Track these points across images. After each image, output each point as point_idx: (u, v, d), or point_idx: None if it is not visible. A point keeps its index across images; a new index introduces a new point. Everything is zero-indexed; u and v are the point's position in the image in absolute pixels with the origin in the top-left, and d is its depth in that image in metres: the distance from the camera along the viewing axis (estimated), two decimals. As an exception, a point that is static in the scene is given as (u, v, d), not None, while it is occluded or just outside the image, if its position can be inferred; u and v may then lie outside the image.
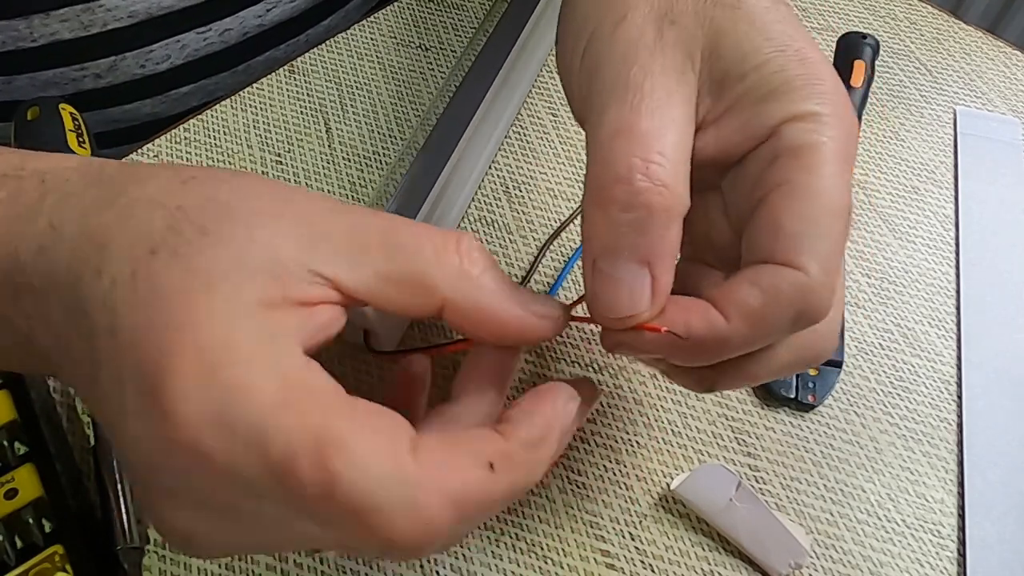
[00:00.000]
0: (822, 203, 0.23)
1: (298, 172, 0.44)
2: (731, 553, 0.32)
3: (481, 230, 0.42)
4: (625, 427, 0.35)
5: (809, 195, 0.23)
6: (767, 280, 0.23)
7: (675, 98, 0.24)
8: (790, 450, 0.35)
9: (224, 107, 0.47)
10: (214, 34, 0.51)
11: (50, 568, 0.28)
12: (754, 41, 0.24)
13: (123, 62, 0.49)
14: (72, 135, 0.39)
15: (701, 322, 0.23)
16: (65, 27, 0.46)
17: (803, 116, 0.23)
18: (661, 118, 0.23)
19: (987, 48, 0.52)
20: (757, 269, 0.23)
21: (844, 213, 0.23)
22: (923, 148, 0.46)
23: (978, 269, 0.41)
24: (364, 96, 0.47)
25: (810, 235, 0.22)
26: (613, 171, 0.23)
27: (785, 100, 0.23)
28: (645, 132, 0.23)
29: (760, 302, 0.23)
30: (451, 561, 0.32)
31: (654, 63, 0.24)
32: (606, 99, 0.24)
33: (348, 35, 0.51)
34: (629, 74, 0.24)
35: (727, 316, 0.23)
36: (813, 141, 0.23)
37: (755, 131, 0.24)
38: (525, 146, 0.45)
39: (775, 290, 0.23)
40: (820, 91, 0.23)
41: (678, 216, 0.23)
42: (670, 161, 0.23)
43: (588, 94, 0.25)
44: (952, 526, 0.33)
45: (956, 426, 0.36)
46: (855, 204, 0.44)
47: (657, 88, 0.24)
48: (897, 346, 0.38)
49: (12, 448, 0.31)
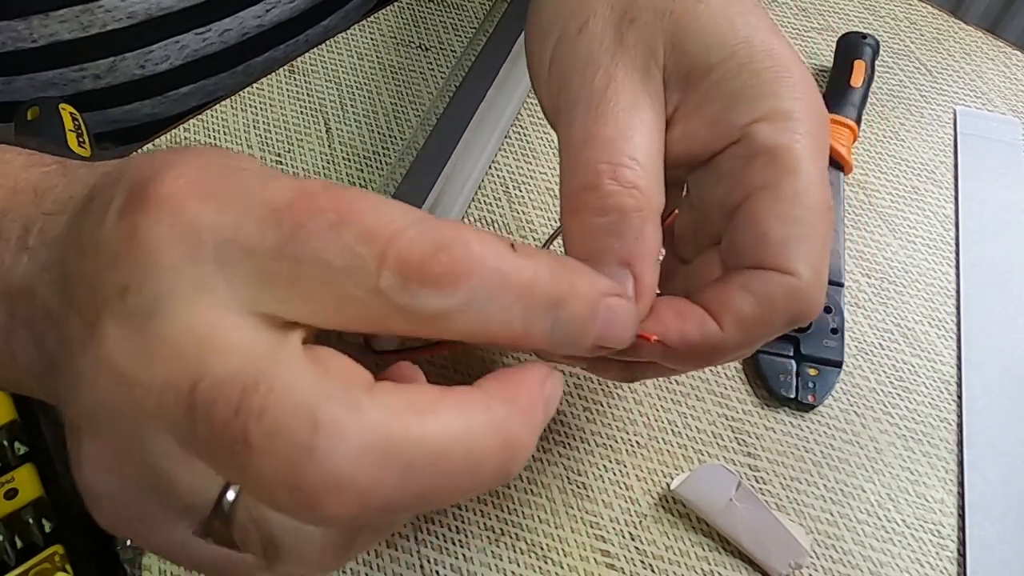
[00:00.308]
0: (805, 204, 0.23)
1: (298, 172, 0.44)
2: (731, 553, 0.32)
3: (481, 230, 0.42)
4: (625, 427, 0.35)
5: (791, 198, 0.23)
6: (759, 286, 0.23)
7: (641, 100, 0.24)
8: (790, 450, 0.35)
9: (224, 107, 0.47)
10: (213, 35, 0.51)
11: (50, 568, 0.28)
12: (718, 34, 0.24)
13: (122, 63, 0.49)
14: (72, 135, 0.39)
15: (696, 329, 0.23)
16: (64, 28, 0.46)
17: (774, 115, 0.23)
18: (627, 122, 0.23)
19: (987, 48, 0.52)
20: (748, 275, 0.23)
21: (826, 211, 0.23)
22: (923, 148, 0.46)
23: (978, 269, 0.41)
24: (364, 96, 0.47)
25: (797, 238, 0.22)
26: (583, 179, 0.23)
27: (755, 97, 0.23)
28: (611, 138, 0.23)
29: (754, 309, 0.23)
30: (451, 561, 0.32)
31: (617, 67, 0.24)
32: (573, 108, 0.24)
33: (348, 35, 0.51)
34: (593, 81, 0.24)
35: (721, 324, 0.23)
36: (787, 141, 0.23)
37: (725, 130, 0.24)
38: (525, 146, 0.45)
39: (768, 296, 0.23)
40: (789, 85, 0.23)
41: (652, 215, 0.23)
42: (639, 163, 0.23)
43: (557, 102, 0.26)
44: (952, 526, 0.33)
45: (956, 426, 0.36)
46: (855, 204, 0.44)
47: (621, 92, 0.24)
48: (897, 346, 0.38)
49: (12, 448, 0.31)
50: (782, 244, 0.23)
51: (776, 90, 0.23)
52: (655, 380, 0.37)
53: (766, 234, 0.23)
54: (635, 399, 0.36)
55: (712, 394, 0.36)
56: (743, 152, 0.23)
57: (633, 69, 0.24)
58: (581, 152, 0.23)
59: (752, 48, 0.24)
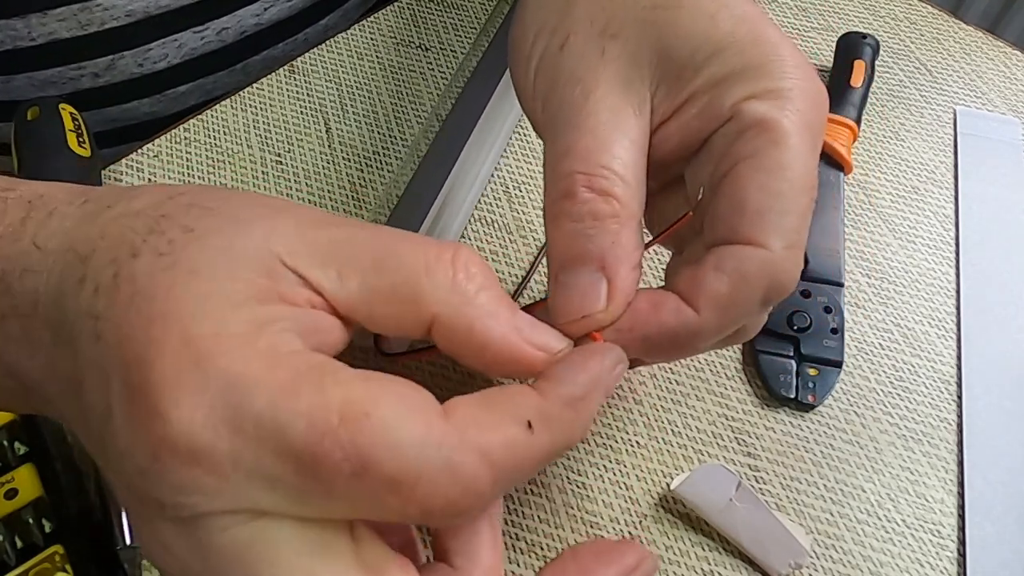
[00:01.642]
0: (786, 177, 0.23)
1: (298, 172, 0.44)
2: (731, 553, 0.32)
3: (481, 230, 0.42)
4: (625, 427, 0.35)
5: (773, 169, 0.23)
6: (731, 264, 0.23)
7: (622, 111, 0.24)
8: (790, 450, 0.35)
9: (224, 107, 0.46)
10: (211, 33, 0.51)
11: (50, 568, 0.28)
12: (701, 34, 0.24)
13: (121, 61, 0.49)
14: (72, 135, 0.39)
15: (672, 317, 0.23)
16: (63, 26, 0.46)
17: (764, 92, 0.23)
18: (606, 134, 0.24)
19: (987, 48, 0.52)
20: (719, 253, 0.23)
21: (809, 188, 0.23)
22: (923, 148, 0.46)
23: (978, 269, 0.41)
24: (364, 96, 0.47)
25: (774, 210, 0.22)
26: (560, 188, 0.24)
27: (746, 79, 0.23)
28: (589, 149, 0.24)
29: (728, 288, 0.23)
30: (451, 561, 0.32)
31: (597, 81, 0.25)
32: (555, 122, 0.25)
33: (348, 35, 0.50)
34: (573, 96, 0.25)
35: (697, 308, 0.23)
36: (776, 115, 0.23)
37: (716, 111, 0.24)
38: (525, 146, 0.45)
39: (740, 272, 0.23)
40: (780, 67, 0.23)
41: (628, 221, 0.23)
42: (615, 173, 0.23)
43: (542, 117, 0.26)
44: (952, 526, 0.33)
45: (956, 426, 0.36)
46: (855, 204, 0.44)
47: (601, 105, 0.24)
48: (897, 346, 0.38)
49: (12, 448, 0.31)
50: (758, 214, 0.22)
51: (767, 71, 0.23)
52: (655, 380, 0.37)
53: (744, 203, 0.23)
54: (635, 399, 0.36)
55: (712, 394, 0.36)
56: (734, 128, 0.24)
57: (615, 82, 0.25)
58: (560, 163, 0.24)
59: (737, 39, 0.24)
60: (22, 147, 0.39)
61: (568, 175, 0.24)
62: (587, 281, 0.23)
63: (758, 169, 0.23)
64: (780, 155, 0.23)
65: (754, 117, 0.23)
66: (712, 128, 0.24)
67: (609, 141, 0.24)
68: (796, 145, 0.23)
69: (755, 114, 0.23)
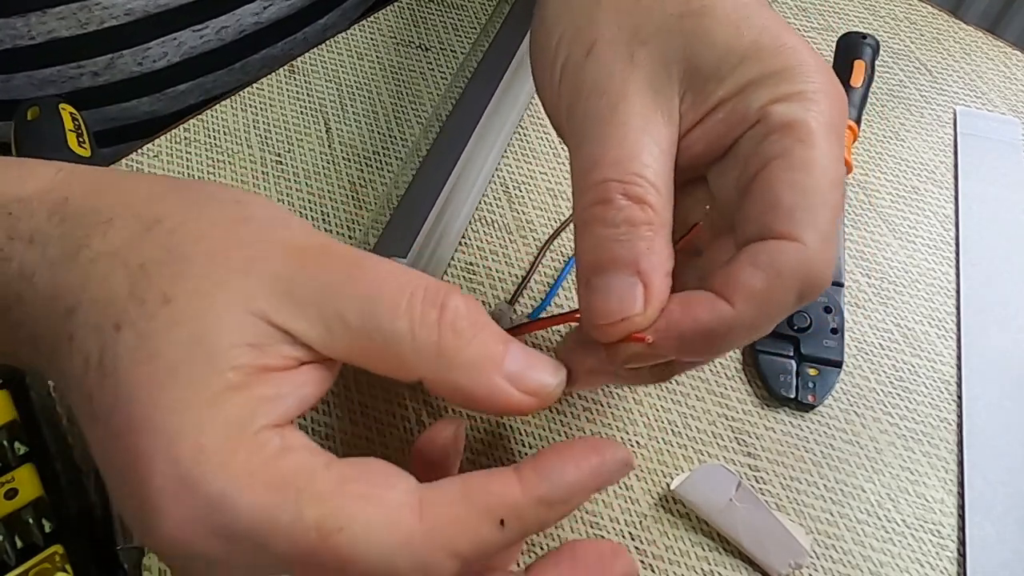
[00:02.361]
0: (816, 174, 0.23)
1: (298, 172, 0.44)
2: (731, 553, 0.32)
3: (481, 230, 0.42)
4: (625, 427, 0.35)
5: (803, 167, 0.23)
6: (766, 258, 0.23)
7: (652, 117, 0.25)
8: (790, 450, 0.35)
9: (224, 107, 0.46)
10: (211, 32, 0.51)
11: (50, 568, 0.28)
12: (727, 44, 0.25)
13: (120, 60, 0.49)
14: (72, 135, 0.39)
15: (708, 314, 0.23)
16: (62, 25, 0.46)
17: (790, 96, 0.24)
18: (637, 141, 0.24)
19: (987, 48, 0.52)
20: (754, 249, 0.23)
21: (839, 183, 0.24)
22: (923, 148, 0.46)
23: (978, 269, 0.41)
24: (364, 96, 0.47)
25: (806, 207, 0.23)
26: (594, 196, 0.24)
27: (770, 84, 0.24)
28: (621, 158, 0.24)
29: (763, 282, 0.23)
30: (452, 561, 0.32)
31: (627, 88, 0.25)
32: (584, 128, 0.25)
33: (348, 35, 0.50)
34: (600, 104, 0.25)
35: (732, 302, 0.23)
36: (803, 116, 0.23)
37: (742, 116, 0.24)
38: (525, 146, 0.45)
39: (775, 266, 0.23)
40: (803, 72, 0.24)
41: (661, 227, 0.24)
42: (648, 181, 0.24)
43: (567, 121, 0.26)
44: (952, 526, 0.33)
45: (956, 426, 0.36)
46: (855, 204, 0.44)
47: (632, 113, 0.24)
48: (897, 346, 0.38)
49: (12, 448, 0.31)
50: (791, 210, 0.23)
51: (791, 75, 0.24)
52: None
53: (777, 199, 0.23)
54: (635, 399, 0.36)
55: (712, 394, 0.36)
56: (761, 131, 0.24)
57: (646, 89, 0.25)
58: (593, 171, 0.24)
59: (761, 48, 0.24)
60: (22, 147, 0.39)
61: (602, 182, 0.24)
62: (623, 284, 0.23)
63: (789, 168, 0.23)
64: (809, 153, 0.23)
65: (782, 119, 0.23)
66: (739, 133, 0.24)
67: (641, 149, 0.24)
68: (823, 143, 0.23)
69: (783, 116, 0.23)
